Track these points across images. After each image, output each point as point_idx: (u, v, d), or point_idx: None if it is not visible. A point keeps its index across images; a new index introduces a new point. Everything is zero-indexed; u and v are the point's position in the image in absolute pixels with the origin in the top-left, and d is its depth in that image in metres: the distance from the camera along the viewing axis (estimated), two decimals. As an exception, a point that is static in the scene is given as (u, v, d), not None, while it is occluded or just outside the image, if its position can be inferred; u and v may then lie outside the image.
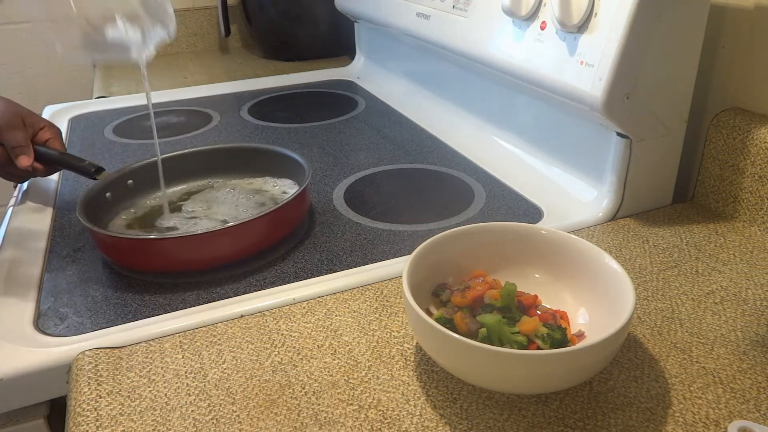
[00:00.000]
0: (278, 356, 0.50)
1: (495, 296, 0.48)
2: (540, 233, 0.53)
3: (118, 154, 0.94)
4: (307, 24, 1.45)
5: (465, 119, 0.96)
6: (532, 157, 0.81)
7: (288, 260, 0.64)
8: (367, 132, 0.99)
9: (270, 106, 1.14)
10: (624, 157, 0.66)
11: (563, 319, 0.48)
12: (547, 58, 0.66)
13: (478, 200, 0.75)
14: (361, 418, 0.44)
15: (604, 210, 0.69)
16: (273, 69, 1.42)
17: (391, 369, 0.48)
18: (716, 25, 0.69)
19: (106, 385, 0.47)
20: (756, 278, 0.58)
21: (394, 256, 0.63)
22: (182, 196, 0.78)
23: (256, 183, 0.79)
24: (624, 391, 0.45)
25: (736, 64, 0.69)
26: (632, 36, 0.58)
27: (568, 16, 0.62)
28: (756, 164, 0.65)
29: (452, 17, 0.84)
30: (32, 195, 0.80)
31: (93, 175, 0.74)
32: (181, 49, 1.61)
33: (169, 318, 0.55)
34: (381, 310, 0.55)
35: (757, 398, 0.44)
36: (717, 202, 0.70)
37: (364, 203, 0.75)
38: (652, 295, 0.56)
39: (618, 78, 0.59)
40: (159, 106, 1.15)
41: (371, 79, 1.26)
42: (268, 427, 0.43)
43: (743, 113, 0.67)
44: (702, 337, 0.51)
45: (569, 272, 0.51)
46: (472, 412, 0.44)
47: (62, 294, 0.60)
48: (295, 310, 0.55)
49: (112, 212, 0.73)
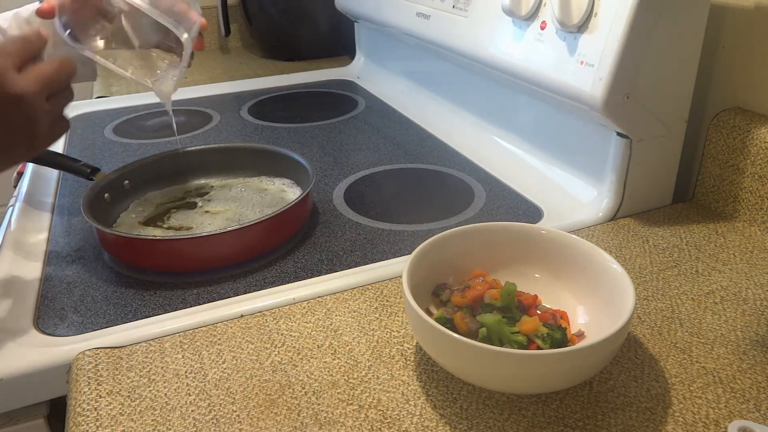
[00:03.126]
0: (278, 356, 0.50)
1: (495, 296, 0.48)
2: (540, 233, 0.53)
3: (118, 154, 0.94)
4: (307, 24, 1.45)
5: (465, 119, 0.96)
6: (532, 157, 0.81)
7: (288, 260, 0.64)
8: (367, 132, 0.99)
9: (270, 106, 1.14)
10: (624, 157, 0.66)
11: (563, 319, 0.48)
12: (547, 58, 0.66)
13: (478, 200, 0.75)
14: (361, 418, 0.44)
15: (604, 210, 0.69)
16: (273, 69, 1.41)
17: (391, 369, 0.48)
18: (716, 25, 0.69)
19: (106, 385, 0.47)
20: (756, 278, 0.58)
21: (394, 256, 0.63)
22: (191, 192, 0.78)
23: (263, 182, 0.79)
24: (624, 391, 0.45)
25: (736, 64, 0.69)
26: (632, 36, 0.58)
27: (568, 16, 0.62)
28: (756, 164, 0.65)
29: (452, 17, 0.84)
30: (32, 195, 0.80)
31: (89, 175, 0.74)
32: (181, 49, 1.61)
33: (169, 318, 0.55)
34: (381, 310, 0.55)
35: (757, 398, 0.44)
36: (717, 202, 0.70)
37: (364, 203, 0.75)
38: (652, 295, 0.56)
39: (618, 78, 0.59)
40: (159, 106, 1.15)
41: (371, 79, 1.26)
42: (268, 426, 0.43)
43: (743, 113, 0.67)
44: (702, 337, 0.51)
45: (569, 272, 0.51)
46: (472, 412, 0.44)
47: (62, 294, 0.60)
48: (295, 310, 0.55)
49: (112, 212, 0.73)
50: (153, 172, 0.77)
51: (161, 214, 0.73)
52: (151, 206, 0.75)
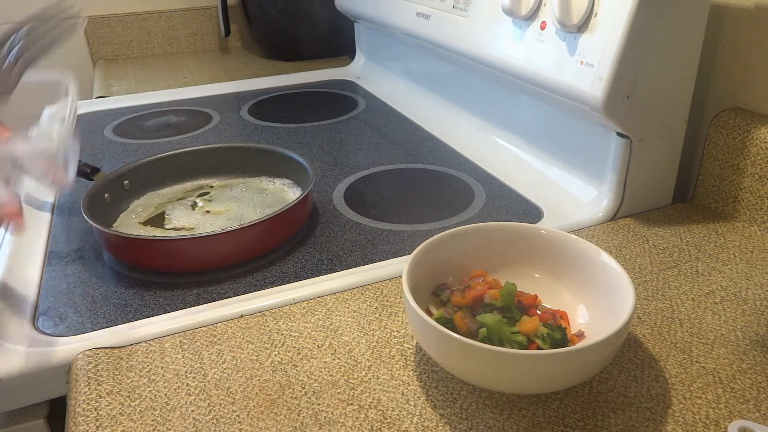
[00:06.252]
0: (278, 356, 0.50)
1: (495, 296, 0.48)
2: (540, 233, 0.53)
3: (118, 154, 0.94)
4: (307, 24, 1.45)
5: (465, 119, 0.96)
6: (532, 157, 0.81)
7: (288, 260, 0.64)
8: (367, 132, 0.99)
9: (270, 106, 1.14)
10: (624, 157, 0.66)
11: (563, 318, 0.48)
12: (547, 58, 0.66)
13: (478, 200, 0.75)
14: (361, 418, 0.44)
15: (604, 210, 0.69)
16: (273, 69, 1.42)
17: (391, 369, 0.48)
18: (716, 25, 0.69)
19: (106, 385, 0.47)
20: (756, 278, 0.58)
21: (394, 256, 0.63)
22: (191, 192, 0.78)
23: (263, 182, 0.79)
24: (624, 391, 0.45)
25: (736, 64, 0.69)
26: (632, 36, 0.58)
27: (568, 16, 0.62)
28: (756, 164, 0.65)
29: (452, 17, 0.84)
30: (32, 195, 0.80)
31: (89, 175, 0.74)
32: (181, 49, 1.61)
33: (169, 318, 0.55)
34: (381, 310, 0.55)
35: (757, 398, 0.44)
36: (717, 202, 0.70)
37: (364, 203, 0.75)
38: (652, 295, 0.56)
39: (618, 78, 0.59)
40: (159, 106, 1.15)
41: (371, 79, 1.26)
42: (268, 427, 0.43)
43: (743, 113, 0.67)
44: (702, 337, 0.51)
45: (569, 272, 0.51)
46: (472, 412, 0.44)
47: (62, 294, 0.60)
48: (295, 310, 0.55)
49: (112, 212, 0.73)
50: (153, 172, 0.77)
51: (161, 214, 0.73)
52: (151, 206, 0.75)
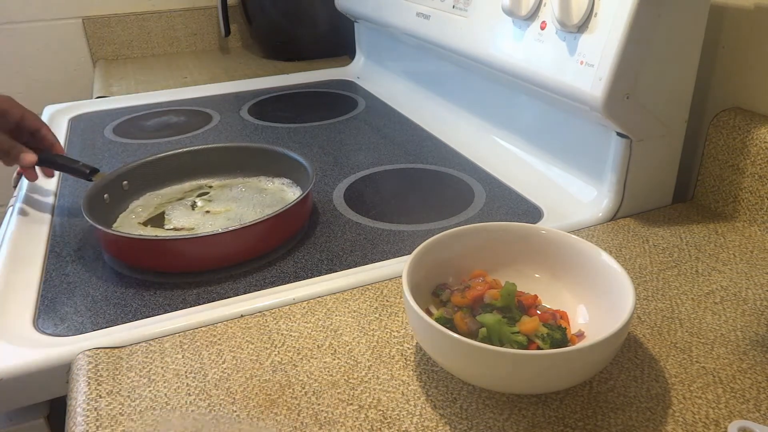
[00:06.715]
0: (278, 356, 0.50)
1: (495, 296, 0.48)
2: (540, 233, 0.53)
3: (118, 154, 0.94)
4: (307, 24, 1.45)
5: (465, 119, 0.96)
6: (532, 157, 0.81)
7: (288, 260, 0.64)
8: (367, 132, 0.99)
9: (270, 106, 1.14)
10: (624, 157, 0.66)
11: (563, 318, 0.48)
12: (547, 58, 0.66)
13: (478, 200, 0.75)
14: (361, 418, 0.44)
15: (604, 210, 0.69)
16: (273, 69, 1.42)
17: (391, 369, 0.48)
18: (716, 25, 0.69)
19: (106, 385, 0.47)
20: (756, 278, 0.58)
21: (394, 256, 0.63)
22: (190, 192, 0.78)
23: (263, 182, 0.79)
24: (624, 391, 0.45)
25: (736, 64, 0.69)
26: (632, 36, 0.58)
27: (568, 16, 0.62)
28: (756, 164, 0.65)
29: (452, 17, 0.84)
30: (32, 195, 0.80)
31: (88, 176, 0.74)
32: (181, 49, 1.61)
33: (169, 318, 0.55)
34: (381, 310, 0.55)
35: (757, 398, 0.44)
36: (717, 202, 0.70)
37: (364, 203, 0.75)
38: (652, 295, 0.56)
39: (618, 78, 0.59)
40: (159, 106, 1.15)
41: (371, 79, 1.26)
42: (268, 426, 0.43)
43: (743, 113, 0.67)
44: (702, 337, 0.51)
45: (569, 272, 0.51)
46: (472, 412, 0.44)
47: (62, 294, 0.60)
48: (295, 310, 0.55)
49: (112, 213, 0.73)
50: (153, 173, 0.78)
51: (161, 214, 0.73)
52: (150, 206, 0.75)
